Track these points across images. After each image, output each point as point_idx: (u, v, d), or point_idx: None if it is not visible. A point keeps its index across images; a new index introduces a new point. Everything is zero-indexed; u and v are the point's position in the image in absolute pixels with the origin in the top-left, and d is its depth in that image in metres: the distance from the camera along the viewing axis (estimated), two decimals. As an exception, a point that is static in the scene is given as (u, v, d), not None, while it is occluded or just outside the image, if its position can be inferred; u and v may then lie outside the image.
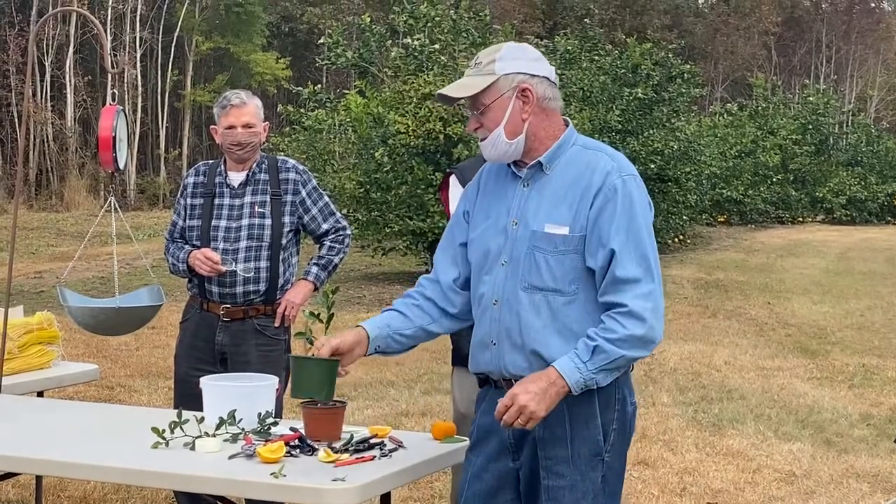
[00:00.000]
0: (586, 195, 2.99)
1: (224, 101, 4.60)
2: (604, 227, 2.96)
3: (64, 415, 3.95)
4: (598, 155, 3.05)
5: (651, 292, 2.95)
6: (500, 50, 3.08)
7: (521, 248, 3.03)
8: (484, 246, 3.11)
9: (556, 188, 3.03)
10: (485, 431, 3.12)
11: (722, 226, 28.61)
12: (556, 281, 2.99)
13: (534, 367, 2.99)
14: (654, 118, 19.79)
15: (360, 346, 3.13)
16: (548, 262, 2.99)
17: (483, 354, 3.10)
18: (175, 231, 4.71)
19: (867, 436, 7.25)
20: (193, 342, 4.62)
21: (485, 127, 3.06)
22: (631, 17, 41.57)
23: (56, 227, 21.64)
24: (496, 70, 3.03)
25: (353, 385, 8.44)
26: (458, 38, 16.36)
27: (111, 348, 9.72)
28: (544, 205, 3.03)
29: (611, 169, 3.00)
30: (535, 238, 3.01)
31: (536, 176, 3.07)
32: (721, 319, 12.64)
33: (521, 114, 3.04)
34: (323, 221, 4.68)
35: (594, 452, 3.00)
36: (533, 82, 3.05)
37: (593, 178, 3.00)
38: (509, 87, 3.03)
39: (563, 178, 3.04)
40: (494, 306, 3.05)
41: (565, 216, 2.99)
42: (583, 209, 2.98)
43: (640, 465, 6.38)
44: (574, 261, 2.98)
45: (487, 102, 3.04)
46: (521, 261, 3.02)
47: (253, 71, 32.02)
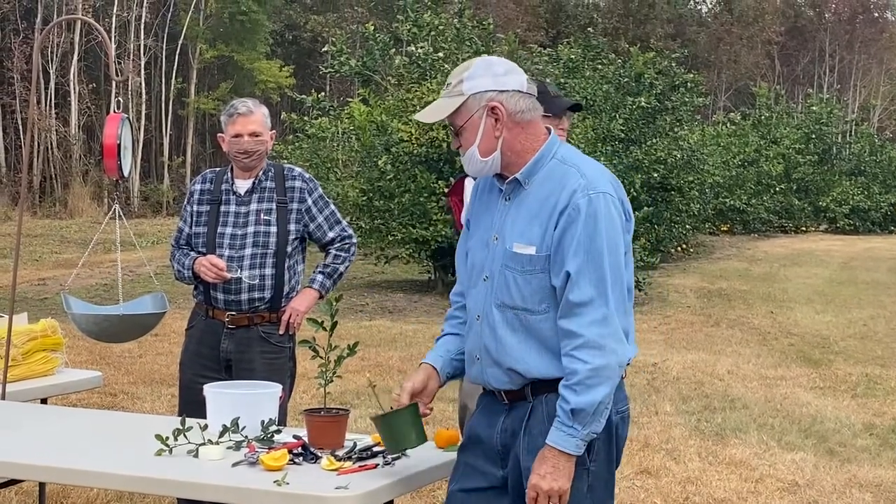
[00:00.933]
0: (553, 214, 2.96)
1: (231, 109, 4.63)
2: (565, 248, 2.93)
3: (67, 422, 3.95)
4: (571, 171, 3.01)
5: (605, 317, 2.91)
6: (469, 69, 3.06)
7: (496, 264, 3.05)
8: (472, 259, 3.15)
9: (532, 204, 3.02)
10: (476, 436, 3.15)
11: (725, 235, 28.59)
12: (524, 300, 3.00)
13: (514, 382, 3.04)
14: (658, 127, 19.79)
15: (432, 380, 3.17)
16: (517, 281, 3.00)
17: (471, 368, 3.15)
18: (181, 238, 4.72)
19: (870, 445, 7.24)
20: (199, 349, 4.63)
21: (463, 146, 3.08)
22: (634, 26, 41.60)
23: (60, 234, 21.65)
24: (464, 90, 3.03)
25: (355, 393, 8.44)
26: (462, 47, 16.37)
27: (114, 355, 9.72)
28: (519, 222, 3.03)
29: (577, 187, 2.95)
30: (506, 256, 3.02)
31: (516, 190, 3.07)
32: (724, 328, 12.64)
33: (493, 131, 3.03)
34: (329, 230, 4.69)
35: (578, 463, 2.98)
36: (502, 98, 3.02)
37: (561, 195, 2.96)
38: (479, 107, 3.02)
39: (538, 194, 3.02)
40: (477, 321, 3.09)
41: (535, 235, 2.98)
42: (549, 228, 2.96)
43: (642, 474, 6.38)
44: (542, 280, 2.98)
45: (460, 123, 3.05)
46: (496, 277, 3.04)
47: (257, 79, 32.04)
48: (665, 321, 13.14)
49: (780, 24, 48.08)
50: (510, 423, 3.07)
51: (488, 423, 3.12)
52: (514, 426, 3.06)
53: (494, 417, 3.11)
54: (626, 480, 6.22)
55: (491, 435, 3.10)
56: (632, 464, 6.54)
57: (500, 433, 3.09)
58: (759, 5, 47.58)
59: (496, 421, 3.11)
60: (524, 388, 3.04)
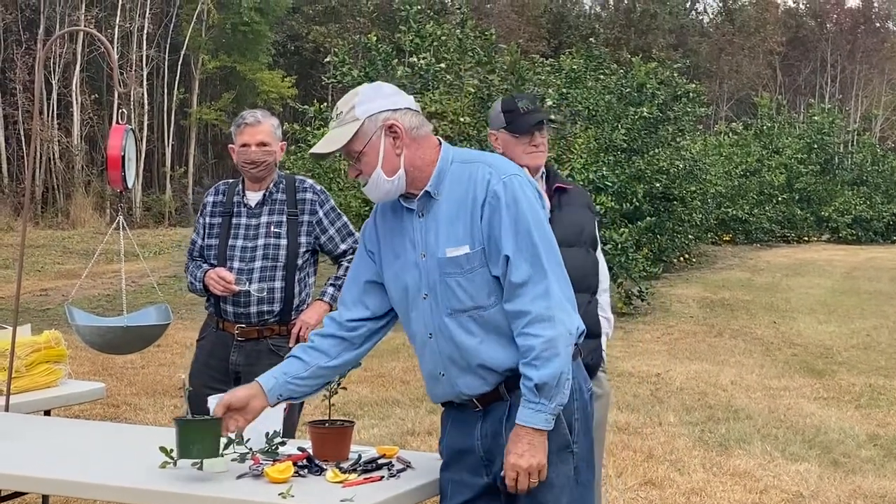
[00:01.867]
0: (475, 209, 3.03)
1: (240, 119, 4.65)
2: (496, 235, 3.01)
3: (70, 434, 3.94)
4: (477, 166, 3.09)
5: (546, 289, 2.99)
6: (357, 95, 3.11)
7: (435, 277, 3.07)
8: (401, 284, 3.16)
9: (448, 210, 3.07)
10: (456, 451, 3.17)
11: (727, 245, 28.57)
12: (473, 299, 3.05)
13: (488, 382, 3.08)
14: (660, 137, 19.78)
15: (256, 399, 3.21)
16: (460, 283, 3.05)
17: (437, 387, 3.17)
18: (194, 249, 4.73)
19: (874, 456, 7.22)
20: (208, 360, 4.64)
21: (364, 173, 3.09)
22: (636, 37, 41.67)
23: (62, 245, 21.66)
24: (358, 115, 3.07)
25: (358, 404, 8.43)
26: (464, 57, 16.37)
27: (117, 367, 9.72)
28: (442, 230, 3.07)
29: (489, 176, 3.04)
30: (441, 265, 3.06)
31: (428, 204, 3.11)
32: (727, 339, 12.63)
33: (394, 150, 3.07)
34: (341, 242, 4.68)
35: (563, 445, 3.06)
36: (397, 116, 3.08)
37: (477, 190, 3.04)
38: (376, 128, 3.06)
39: (451, 199, 3.08)
40: (431, 339, 3.12)
41: (462, 235, 3.04)
42: (475, 223, 3.03)
43: (647, 485, 6.37)
44: (483, 274, 3.04)
45: (360, 149, 3.07)
46: (438, 290, 3.07)
47: (259, 89, 32.09)
48: (668, 331, 13.12)
49: (781, 35, 48.16)
50: (489, 426, 3.10)
51: (464, 435, 3.15)
52: (493, 429, 3.10)
53: (469, 427, 3.14)
54: (631, 492, 6.21)
55: (471, 444, 3.13)
56: (636, 475, 6.52)
57: (481, 439, 3.11)
58: (760, 15, 47.69)
59: (472, 430, 3.13)
60: (498, 387, 3.08)
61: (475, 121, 14.67)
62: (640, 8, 44.05)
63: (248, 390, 3.21)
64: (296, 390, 3.24)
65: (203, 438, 3.09)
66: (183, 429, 3.11)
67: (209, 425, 3.12)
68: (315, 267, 4.74)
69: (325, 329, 3.30)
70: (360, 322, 3.27)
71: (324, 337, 3.28)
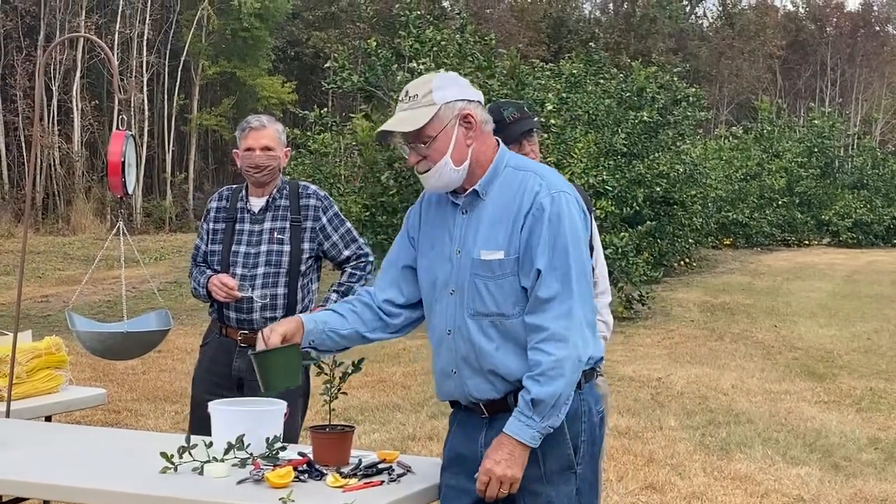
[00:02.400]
0: (518, 217, 3.02)
1: (245, 124, 4.65)
2: (533, 247, 3.00)
3: (71, 439, 3.94)
4: (528, 175, 3.08)
5: (570, 310, 2.97)
6: (434, 79, 3.08)
7: (465, 276, 3.07)
8: (432, 275, 3.16)
9: (492, 213, 3.07)
10: (457, 454, 3.17)
11: (728, 249, 28.58)
12: (498, 305, 3.03)
13: (499, 389, 3.06)
14: (660, 141, 19.79)
15: (297, 335, 3.19)
16: (488, 287, 3.03)
17: (446, 383, 3.16)
18: (198, 255, 4.73)
19: (875, 460, 7.22)
20: (211, 367, 4.63)
21: (429, 159, 3.06)
22: (636, 41, 41.69)
23: (62, 251, 21.67)
24: (435, 100, 3.04)
25: (359, 409, 8.43)
26: (464, 62, 16.38)
27: (118, 372, 9.72)
28: (482, 231, 3.06)
29: (539, 188, 3.03)
30: (474, 265, 3.05)
31: (474, 202, 3.10)
32: (728, 343, 12.62)
33: (465, 140, 3.06)
34: (344, 248, 4.67)
35: (566, 466, 3.05)
36: (472, 107, 3.08)
37: (523, 199, 3.03)
38: (452, 116, 3.04)
39: (497, 203, 3.07)
40: (449, 336, 3.11)
41: (500, 241, 3.03)
42: (515, 231, 3.02)
43: (647, 489, 6.37)
44: (513, 283, 3.03)
45: (433, 134, 3.04)
46: (466, 289, 3.06)
47: (259, 95, 32.11)
48: (668, 335, 13.12)
49: (781, 38, 48.18)
50: (493, 435, 3.07)
51: (468, 439, 3.15)
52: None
53: (474, 432, 3.14)
54: (632, 496, 6.21)
55: (474, 450, 3.12)
56: (637, 479, 6.52)
57: (483, 447, 3.09)
58: (760, 19, 47.71)
59: (476, 436, 3.13)
60: (507, 396, 3.06)
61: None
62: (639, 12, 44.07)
63: (294, 324, 3.18)
64: (326, 343, 3.23)
65: (286, 365, 3.05)
66: (263, 360, 3.04)
67: (289, 352, 3.06)
68: (318, 273, 4.73)
69: (365, 298, 3.29)
70: (397, 309, 3.27)
71: (365, 306, 3.27)
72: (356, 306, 3.28)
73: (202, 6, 30.73)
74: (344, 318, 3.25)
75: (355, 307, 3.28)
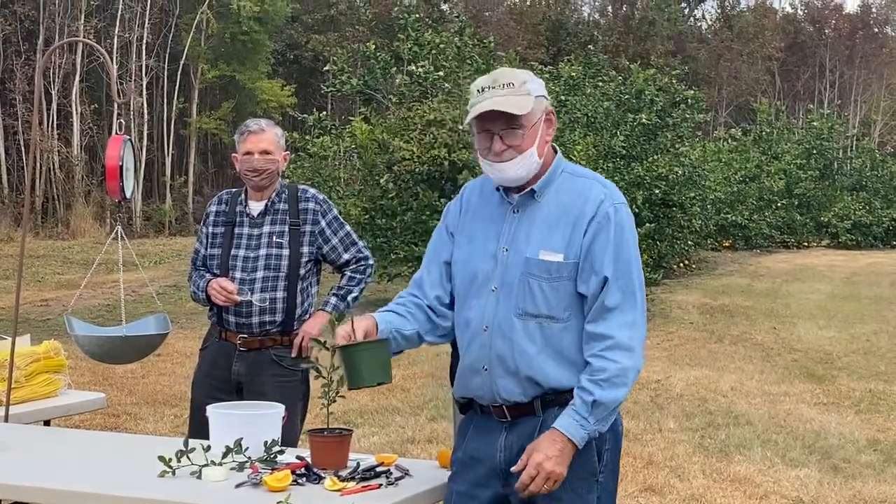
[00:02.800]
0: (580, 223, 3.02)
1: (243, 127, 4.66)
2: (597, 254, 2.99)
3: (70, 444, 3.95)
4: (590, 183, 3.09)
5: (634, 321, 3.00)
6: (521, 72, 3.08)
7: (514, 274, 3.04)
8: (470, 270, 3.12)
9: (548, 215, 3.06)
10: (470, 458, 3.14)
11: (727, 251, 28.58)
12: (550, 308, 3.02)
13: (528, 393, 3.04)
14: (659, 143, 19.80)
15: (374, 333, 3.13)
16: (542, 288, 3.02)
17: (473, 379, 3.12)
18: (198, 259, 4.73)
19: (874, 461, 7.22)
20: (210, 370, 4.64)
21: (516, 148, 3.03)
22: (634, 44, 41.70)
23: (62, 255, 21.66)
24: (531, 91, 3.04)
25: (358, 412, 8.43)
26: (463, 65, 16.41)
27: (117, 376, 9.72)
28: (536, 232, 3.05)
29: (604, 197, 3.04)
30: (528, 265, 3.03)
31: (527, 202, 3.09)
32: (727, 345, 12.63)
33: (545, 136, 3.08)
34: (344, 251, 4.67)
35: (590, 473, 3.04)
36: (550, 108, 3.11)
37: (586, 206, 3.03)
38: (541, 110, 3.06)
39: (553, 206, 3.06)
40: (484, 333, 3.07)
41: (559, 243, 3.02)
42: (576, 236, 3.01)
43: (647, 491, 6.37)
44: (567, 287, 3.02)
45: (528, 124, 3.03)
46: (515, 287, 3.04)
47: (258, 98, 32.11)
48: (668, 337, 13.12)
49: (780, 40, 48.17)
50: (514, 439, 3.06)
51: (486, 443, 3.12)
52: (520, 442, 3.05)
53: (491, 436, 3.11)
54: (631, 498, 6.21)
55: (492, 454, 3.09)
56: (636, 481, 6.52)
57: (504, 451, 3.08)
58: (758, 21, 47.71)
59: (494, 439, 3.10)
60: (534, 401, 3.04)
61: (474, 128, 14.67)
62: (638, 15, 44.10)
63: (372, 321, 3.11)
64: (392, 344, 3.14)
65: (378, 360, 2.99)
66: (352, 354, 2.99)
67: (377, 346, 3.00)
68: (318, 277, 4.73)
69: (416, 298, 3.23)
70: (446, 309, 3.21)
71: (418, 307, 3.21)
72: (411, 307, 3.22)
73: (201, 10, 30.75)
74: (405, 318, 3.19)
75: (411, 308, 3.22)
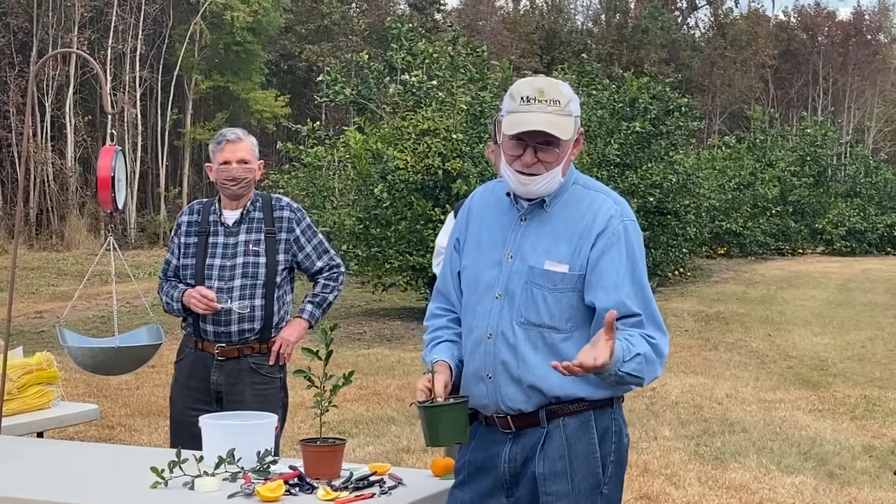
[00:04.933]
0: (587, 235, 3.00)
1: (220, 136, 4.64)
2: (606, 270, 2.98)
3: (64, 455, 3.93)
4: (601, 197, 3.07)
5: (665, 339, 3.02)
6: (565, 87, 3.03)
7: (518, 282, 3.02)
8: (475, 276, 3.11)
9: (556, 226, 3.04)
10: (476, 468, 3.10)
11: (722, 258, 28.61)
12: (552, 318, 3.00)
13: (532, 401, 3.02)
14: (653, 151, 19.84)
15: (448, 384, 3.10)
16: (546, 298, 3.00)
17: (478, 387, 3.08)
18: (169, 270, 4.71)
19: (870, 468, 7.22)
20: (188, 382, 4.61)
21: (544, 164, 3.00)
22: (628, 52, 41.80)
23: (56, 267, 21.64)
24: (573, 112, 3.01)
25: (353, 421, 8.42)
26: (456, 74, 16.41)
27: (111, 388, 9.70)
28: (543, 241, 3.03)
29: (615, 213, 3.03)
30: (533, 274, 3.01)
31: (536, 212, 3.07)
32: (722, 352, 12.62)
33: (570, 155, 3.05)
34: (317, 259, 4.69)
35: (594, 486, 3.01)
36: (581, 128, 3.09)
37: (596, 219, 3.01)
38: (575, 131, 3.03)
39: (562, 217, 3.04)
40: (489, 340, 3.05)
41: (564, 254, 3.00)
42: (583, 249, 3.00)
43: (642, 499, 6.36)
44: (571, 299, 3.00)
45: (565, 146, 3.01)
46: (517, 295, 3.02)
47: (252, 109, 32.15)
48: (663, 345, 13.09)
49: (773, 48, 48.32)
50: (519, 450, 3.04)
51: (490, 454, 3.08)
52: (524, 453, 3.03)
53: (495, 447, 3.08)
54: (626, 506, 6.21)
55: (496, 465, 3.06)
56: (631, 489, 6.51)
57: (508, 462, 3.05)
58: (752, 29, 47.86)
59: (498, 451, 3.07)
60: (539, 410, 3.02)
61: (468, 137, 14.70)
62: (631, 23, 44.22)
63: (447, 367, 3.07)
64: (456, 374, 3.12)
65: (457, 421, 2.95)
66: (435, 415, 2.94)
67: (458, 408, 2.96)
68: (292, 284, 4.74)
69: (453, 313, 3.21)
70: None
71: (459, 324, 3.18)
72: (456, 326, 3.20)
73: (195, 21, 30.78)
74: (459, 343, 3.17)
75: (456, 328, 3.20)
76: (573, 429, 2.99)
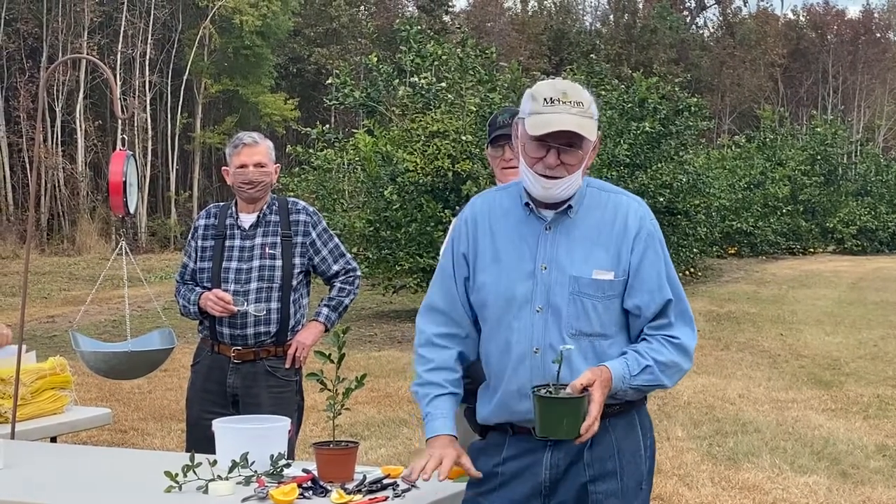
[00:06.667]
0: (624, 239, 2.98)
1: (237, 140, 4.66)
2: (647, 272, 2.98)
3: (77, 460, 3.94)
4: (622, 198, 3.04)
5: (693, 333, 3.04)
6: (585, 91, 3.00)
7: (561, 294, 2.96)
8: (505, 291, 3.00)
9: (586, 232, 2.99)
10: (511, 476, 3.03)
11: (732, 258, 28.56)
12: (603, 326, 2.97)
13: None
14: (662, 151, 19.82)
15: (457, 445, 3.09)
16: (596, 307, 2.96)
17: (521, 404, 2.99)
18: (186, 273, 4.72)
19: (883, 467, 7.20)
20: (205, 385, 4.63)
21: (567, 167, 2.95)
22: (637, 52, 41.77)
23: (68, 272, 21.70)
24: (593, 115, 2.98)
25: (365, 424, 8.42)
26: (465, 76, 16.42)
27: (124, 392, 9.72)
28: (577, 249, 2.97)
29: (643, 214, 3.03)
30: (580, 284, 2.95)
31: (561, 219, 3.00)
32: (734, 352, 12.60)
33: (588, 161, 3.01)
34: (333, 263, 4.70)
35: (638, 482, 3.03)
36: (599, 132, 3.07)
37: (628, 222, 2.99)
38: (595, 134, 2.99)
39: (589, 222, 3.00)
40: (535, 354, 2.97)
41: (606, 261, 2.97)
42: (624, 253, 2.97)
43: (655, 500, 6.35)
44: (616, 304, 2.99)
45: (588, 148, 2.98)
46: (564, 307, 2.96)
47: (262, 112, 32.19)
48: (674, 346, 13.08)
49: (782, 47, 48.25)
50: (562, 456, 2.98)
51: (526, 462, 3.02)
52: (568, 458, 2.98)
53: (533, 455, 3.01)
54: (639, 507, 6.19)
55: (536, 472, 3.00)
56: (644, 490, 6.50)
57: (550, 469, 2.99)
58: (761, 28, 47.80)
59: (539, 458, 3.00)
60: None
61: (477, 139, 14.70)
62: (640, 23, 44.19)
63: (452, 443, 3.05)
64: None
65: (570, 414, 2.87)
66: (548, 406, 2.88)
67: (576, 402, 2.89)
68: (308, 288, 4.75)
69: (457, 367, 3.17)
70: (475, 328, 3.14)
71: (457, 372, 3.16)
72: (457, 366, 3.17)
73: (204, 25, 30.84)
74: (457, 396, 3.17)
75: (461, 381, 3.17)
76: (621, 428, 3.00)
